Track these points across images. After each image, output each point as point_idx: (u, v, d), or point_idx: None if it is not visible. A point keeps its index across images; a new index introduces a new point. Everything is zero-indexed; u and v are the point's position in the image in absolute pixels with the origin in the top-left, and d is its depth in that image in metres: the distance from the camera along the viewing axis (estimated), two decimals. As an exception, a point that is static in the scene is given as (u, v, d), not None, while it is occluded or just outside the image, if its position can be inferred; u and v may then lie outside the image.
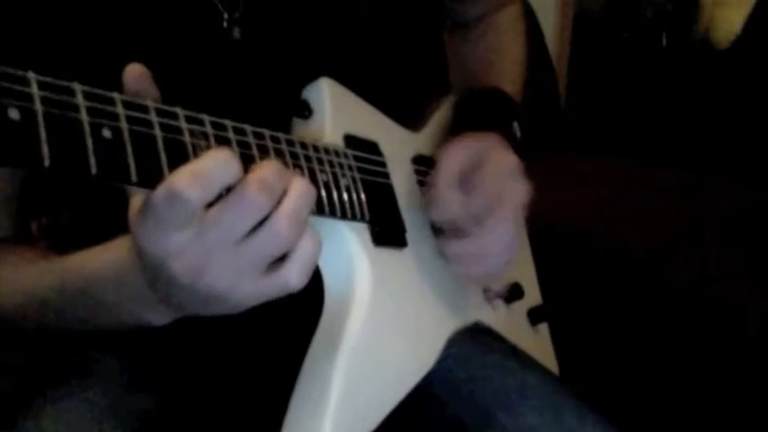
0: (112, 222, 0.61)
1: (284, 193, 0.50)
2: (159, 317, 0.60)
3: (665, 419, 1.46)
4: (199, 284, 0.50)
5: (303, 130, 0.69)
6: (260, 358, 0.82)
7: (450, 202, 0.74)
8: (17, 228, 0.71)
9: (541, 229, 1.06)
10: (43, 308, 0.67)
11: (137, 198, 0.50)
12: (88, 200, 0.74)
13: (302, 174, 0.58)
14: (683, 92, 2.50)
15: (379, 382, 0.68)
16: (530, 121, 0.91)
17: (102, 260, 0.61)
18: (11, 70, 0.40)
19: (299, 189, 0.51)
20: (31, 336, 0.79)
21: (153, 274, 0.52)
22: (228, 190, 0.48)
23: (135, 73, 0.49)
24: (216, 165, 0.47)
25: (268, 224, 0.49)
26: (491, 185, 0.75)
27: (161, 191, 0.46)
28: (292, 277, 0.52)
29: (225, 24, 0.73)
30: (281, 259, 0.52)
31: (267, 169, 0.50)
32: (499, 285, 0.91)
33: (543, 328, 1.04)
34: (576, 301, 1.58)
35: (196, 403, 0.79)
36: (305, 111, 0.69)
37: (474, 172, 0.75)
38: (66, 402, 0.70)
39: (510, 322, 0.93)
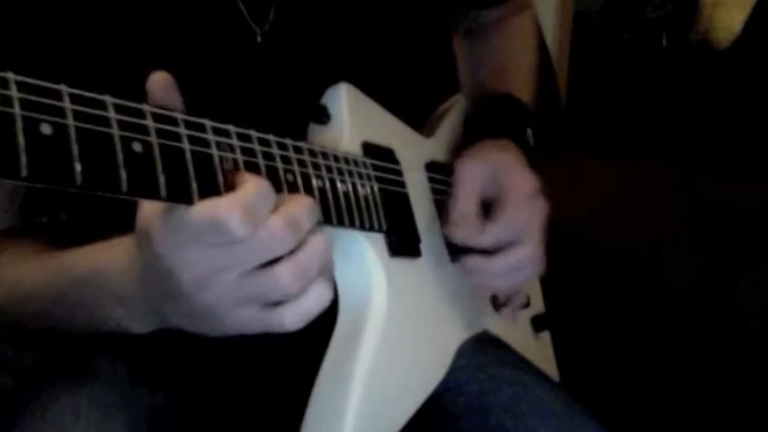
0: (110, 223, 0.61)
1: (303, 240, 0.50)
2: (139, 324, 0.59)
3: (666, 426, 1.47)
4: (199, 299, 0.50)
5: (321, 136, 0.69)
6: (271, 360, 0.82)
7: (473, 231, 0.74)
8: (22, 221, 0.71)
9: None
10: (25, 302, 0.66)
11: (152, 203, 0.49)
12: (87, 201, 0.73)
13: (323, 184, 0.58)
14: (682, 92, 2.50)
15: (396, 392, 0.68)
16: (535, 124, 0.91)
17: (89, 261, 0.60)
18: (44, 83, 0.39)
19: (316, 246, 0.50)
20: (16, 330, 0.78)
21: (158, 277, 0.51)
22: None
23: (160, 81, 0.48)
24: (262, 198, 0.47)
25: (274, 270, 0.49)
26: (515, 214, 0.75)
27: (207, 215, 0.45)
28: (286, 320, 0.51)
29: (259, 39, 0.73)
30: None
31: (300, 207, 0.49)
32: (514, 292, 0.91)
33: (545, 335, 1.05)
34: (576, 304, 1.58)
35: (204, 401, 0.79)
36: (323, 117, 0.69)
37: (495, 191, 0.75)
38: (72, 399, 0.69)
39: (515, 330, 0.93)
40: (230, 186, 0.48)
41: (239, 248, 0.47)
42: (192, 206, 0.46)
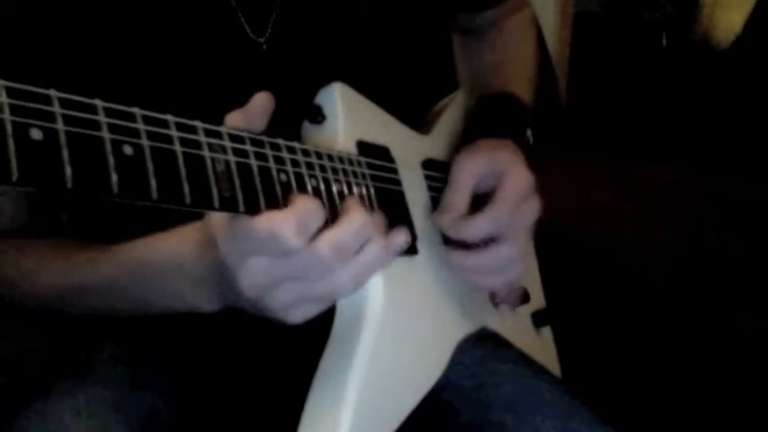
0: (109, 222, 0.64)
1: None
2: (210, 304, 0.63)
3: (666, 421, 1.47)
4: (260, 301, 0.56)
5: (316, 136, 0.69)
6: (269, 360, 0.82)
7: (456, 220, 0.74)
8: (49, 219, 0.73)
9: (542, 231, 1.06)
10: (81, 294, 0.69)
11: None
12: (85, 201, 0.74)
13: (317, 184, 0.58)
14: (683, 92, 2.50)
15: (394, 390, 0.68)
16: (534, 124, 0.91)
17: (161, 249, 0.64)
18: (33, 89, 0.39)
19: (374, 253, 0.57)
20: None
21: (224, 278, 0.57)
22: None
23: (264, 102, 0.54)
24: (313, 215, 0.53)
25: (335, 276, 0.55)
26: (502, 212, 0.74)
27: (265, 226, 0.50)
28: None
29: (264, 47, 0.74)
30: None
31: (348, 232, 0.55)
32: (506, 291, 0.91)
33: (546, 330, 1.04)
34: (577, 300, 1.58)
35: (202, 402, 0.79)
36: (318, 116, 0.69)
37: (491, 187, 0.75)
38: (70, 399, 0.69)
39: (515, 326, 0.93)
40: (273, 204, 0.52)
41: (295, 261, 0.53)
42: (255, 218, 0.51)
